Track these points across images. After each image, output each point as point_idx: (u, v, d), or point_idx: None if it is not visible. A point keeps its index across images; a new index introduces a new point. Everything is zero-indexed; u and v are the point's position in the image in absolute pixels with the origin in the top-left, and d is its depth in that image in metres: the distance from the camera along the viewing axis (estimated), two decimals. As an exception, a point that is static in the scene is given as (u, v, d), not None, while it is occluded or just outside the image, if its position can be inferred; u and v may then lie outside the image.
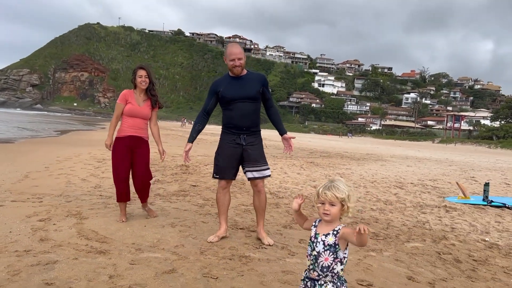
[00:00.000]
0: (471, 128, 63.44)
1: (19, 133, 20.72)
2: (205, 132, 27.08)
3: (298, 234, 4.17)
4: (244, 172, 3.79)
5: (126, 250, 3.27)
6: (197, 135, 3.89)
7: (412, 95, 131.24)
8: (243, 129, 3.70)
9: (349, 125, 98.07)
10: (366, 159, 15.77)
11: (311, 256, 1.92)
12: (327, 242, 1.88)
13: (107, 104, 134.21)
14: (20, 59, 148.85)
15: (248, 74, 3.77)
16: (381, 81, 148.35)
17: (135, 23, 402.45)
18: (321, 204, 1.90)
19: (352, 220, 4.90)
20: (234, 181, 4.65)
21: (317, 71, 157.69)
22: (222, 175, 3.77)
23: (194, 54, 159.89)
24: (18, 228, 3.68)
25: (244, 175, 3.83)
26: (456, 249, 4.10)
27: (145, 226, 4.01)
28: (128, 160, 4.20)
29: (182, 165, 9.08)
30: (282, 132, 3.86)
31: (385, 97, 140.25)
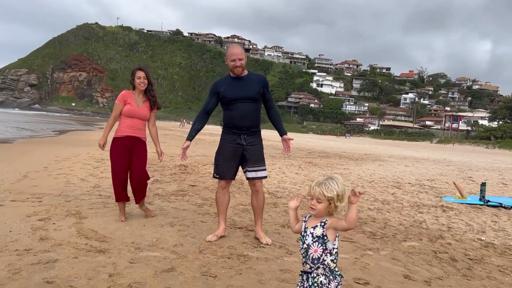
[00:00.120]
0: (469, 128, 63.62)
1: (18, 133, 20.69)
2: (204, 132, 27.09)
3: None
4: (244, 172, 3.83)
5: (126, 249, 3.29)
6: (196, 134, 3.92)
7: (410, 95, 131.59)
8: (244, 129, 3.73)
9: (348, 125, 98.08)
10: (364, 159, 15.81)
11: (303, 250, 2.00)
12: (315, 234, 1.95)
13: (105, 104, 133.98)
14: (18, 59, 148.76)
15: (249, 75, 3.81)
16: (380, 81, 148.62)
17: (134, 23, 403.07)
18: (310, 198, 1.97)
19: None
20: (233, 181, 4.67)
21: (316, 71, 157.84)
22: (223, 175, 3.80)
23: (193, 54, 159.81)
24: (18, 228, 3.71)
25: (243, 175, 3.85)
26: (452, 248, 4.14)
27: (144, 226, 4.04)
28: (126, 160, 4.22)
29: (181, 165, 9.10)
30: (282, 133, 3.89)
31: (383, 97, 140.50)
